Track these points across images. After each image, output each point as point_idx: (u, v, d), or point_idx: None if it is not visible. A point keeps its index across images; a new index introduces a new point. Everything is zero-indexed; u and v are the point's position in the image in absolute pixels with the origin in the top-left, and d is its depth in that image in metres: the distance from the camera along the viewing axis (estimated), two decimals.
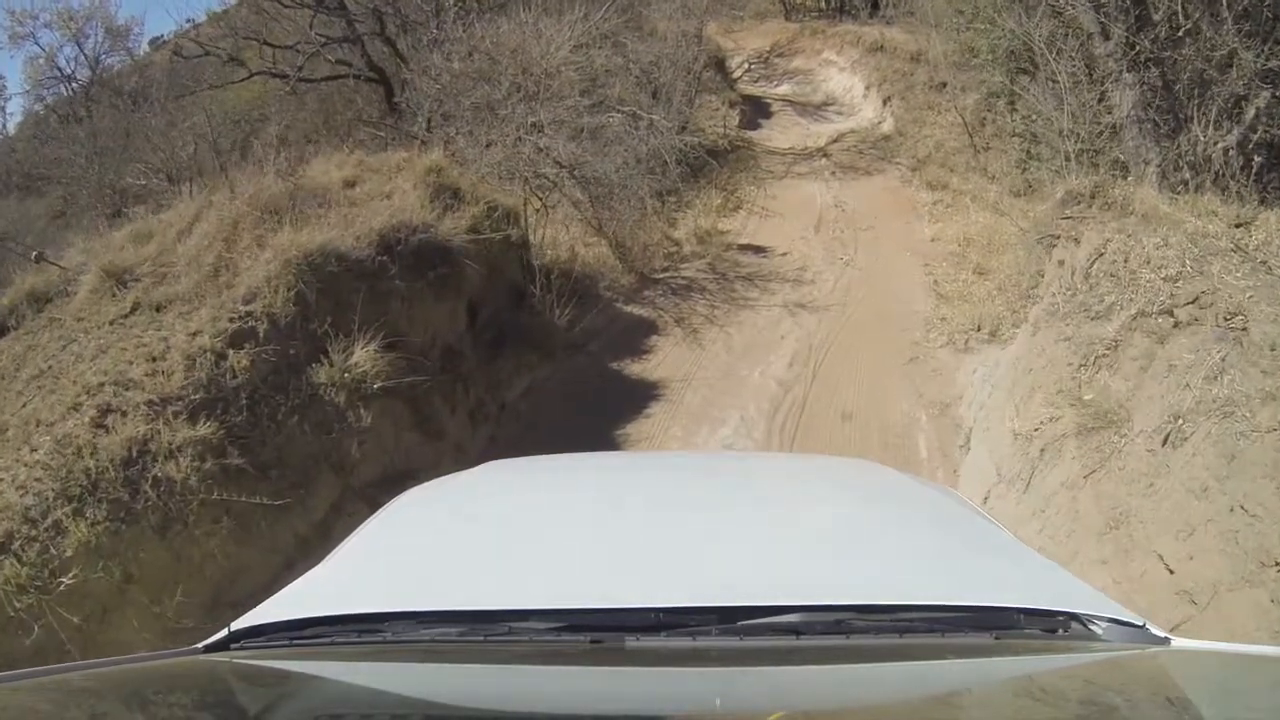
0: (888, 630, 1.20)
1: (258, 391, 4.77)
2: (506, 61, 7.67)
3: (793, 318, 7.69)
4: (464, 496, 1.91)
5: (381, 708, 1.15)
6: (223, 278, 5.60)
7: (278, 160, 6.62)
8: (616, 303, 7.57)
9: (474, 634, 1.21)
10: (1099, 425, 4.12)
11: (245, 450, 4.63)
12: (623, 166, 9.26)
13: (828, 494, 1.91)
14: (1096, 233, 5.08)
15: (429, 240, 5.49)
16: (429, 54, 8.34)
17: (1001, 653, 1.21)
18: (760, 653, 1.17)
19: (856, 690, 1.19)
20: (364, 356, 4.96)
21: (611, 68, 11.01)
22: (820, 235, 10.05)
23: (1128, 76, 6.41)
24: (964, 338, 7.28)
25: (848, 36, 16.54)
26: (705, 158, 11.38)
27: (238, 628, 1.27)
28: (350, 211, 5.91)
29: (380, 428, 5.11)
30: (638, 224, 9.14)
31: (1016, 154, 10.17)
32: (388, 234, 5.36)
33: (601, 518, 1.65)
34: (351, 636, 1.23)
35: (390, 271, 5.29)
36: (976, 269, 9.08)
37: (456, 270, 5.60)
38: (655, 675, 1.19)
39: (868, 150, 12.92)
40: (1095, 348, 4.41)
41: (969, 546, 1.55)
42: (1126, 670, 1.22)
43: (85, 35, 18.76)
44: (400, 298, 5.38)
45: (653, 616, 1.19)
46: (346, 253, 5.18)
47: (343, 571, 1.50)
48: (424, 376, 5.39)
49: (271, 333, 4.95)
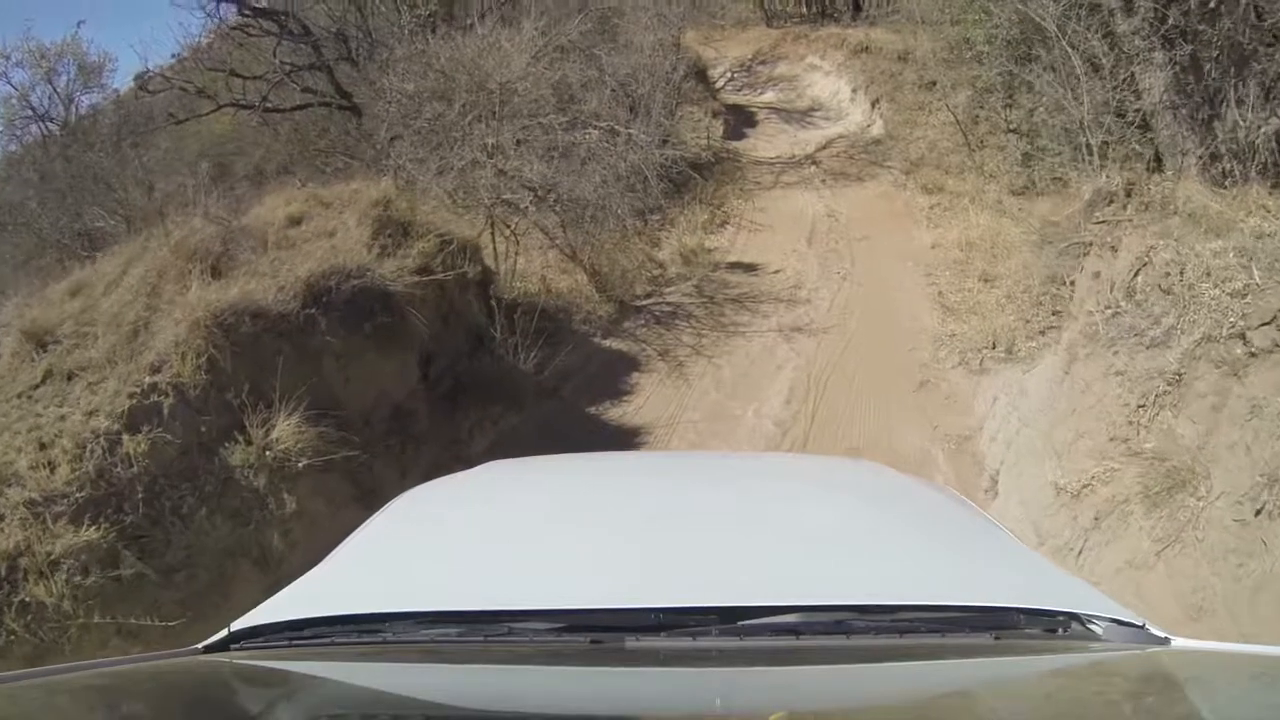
0: (888, 630, 1.17)
1: (159, 482, 3.95)
2: (463, 78, 6.85)
3: (789, 344, 6.85)
4: (464, 496, 1.88)
5: (381, 708, 1.14)
6: (140, 339, 4.80)
7: (208, 199, 5.84)
8: (593, 337, 6.73)
9: (474, 634, 1.18)
10: (1168, 485, 3.27)
11: (145, 553, 3.85)
12: (601, 185, 8.48)
13: (828, 494, 1.84)
14: (1137, 238, 4.24)
15: (366, 286, 4.66)
16: (384, 75, 7.54)
17: (1001, 653, 1.18)
18: (760, 653, 1.15)
19: (856, 690, 1.16)
20: (287, 430, 4.13)
21: (586, 81, 10.27)
22: (814, 248, 9.22)
23: (1157, 56, 5.55)
24: (978, 357, 6.44)
25: (831, 39, 15.77)
26: (689, 172, 10.57)
27: (237, 628, 1.23)
28: (282, 256, 5.09)
29: (312, 509, 4.27)
30: (617, 246, 8.33)
31: (1017, 150, 9.34)
32: (316, 282, 4.54)
33: (601, 518, 1.62)
34: (351, 637, 1.20)
35: (319, 326, 4.46)
36: (982, 276, 8.30)
37: (401, 318, 4.76)
38: (655, 675, 1.16)
39: (858, 155, 12.10)
40: (1154, 383, 3.56)
41: (969, 546, 1.52)
42: (1126, 670, 1.18)
43: (57, 73, 18.04)
44: (334, 355, 4.55)
45: (653, 616, 1.16)
46: (266, 308, 4.35)
47: (342, 571, 1.46)
48: (364, 444, 4.57)
49: (179, 408, 4.14)
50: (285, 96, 13.49)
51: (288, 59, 13.56)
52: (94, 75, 17.70)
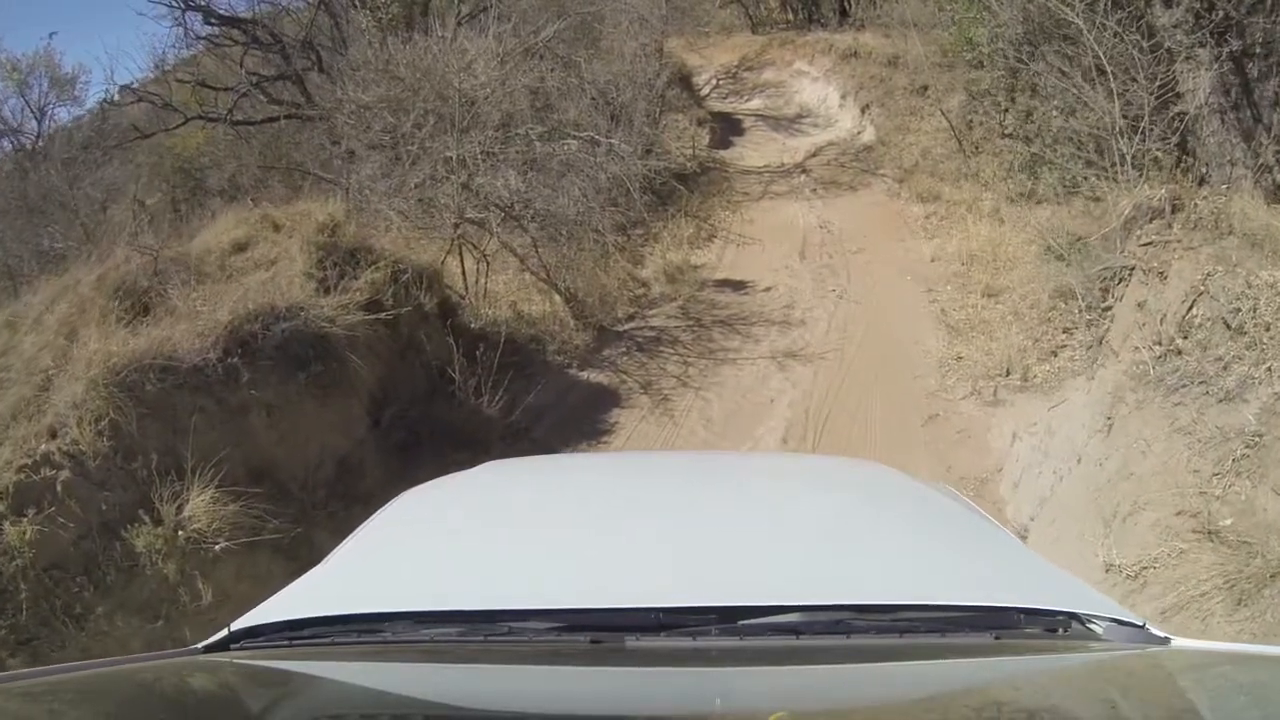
0: (888, 630, 1.15)
1: (49, 575, 3.26)
2: (425, 86, 6.15)
3: (783, 372, 6.19)
4: (463, 496, 1.82)
5: (381, 708, 1.12)
6: (49, 393, 4.12)
7: (135, 224, 5.16)
8: (569, 369, 6.05)
9: (474, 634, 1.15)
10: (1258, 578, 2.62)
11: (35, 659, 3.17)
12: (580, 199, 7.81)
13: (828, 494, 1.77)
14: (1189, 264, 3.60)
15: (300, 328, 3.97)
16: (339, 84, 6.84)
17: (1001, 653, 1.15)
18: (760, 653, 1.13)
19: (857, 690, 1.14)
20: (202, 506, 3.44)
21: (565, 88, 9.60)
22: (806, 263, 8.55)
23: (1201, 53, 4.89)
24: (990, 385, 5.79)
25: (819, 45, 15.13)
26: (673, 183, 9.90)
27: (237, 628, 1.20)
28: (212, 292, 4.40)
29: (236, 593, 3.58)
30: (598, 264, 7.66)
31: (1020, 156, 8.69)
32: (240, 326, 3.84)
33: (601, 517, 1.57)
34: (351, 636, 1.17)
35: (243, 378, 3.76)
36: (985, 290, 7.69)
37: (340, 363, 4.08)
38: (655, 675, 1.14)
39: (850, 163, 11.45)
40: (1230, 446, 2.91)
41: (969, 546, 1.46)
42: (1126, 670, 1.15)
43: (29, 85, 17.26)
44: (263, 410, 3.86)
45: (653, 616, 1.14)
46: (180, 359, 3.66)
47: (342, 571, 1.42)
48: (300, 511, 3.88)
49: (75, 483, 3.45)
50: (258, 109, 12.82)
51: (257, 69, 12.88)
52: (67, 88, 16.94)
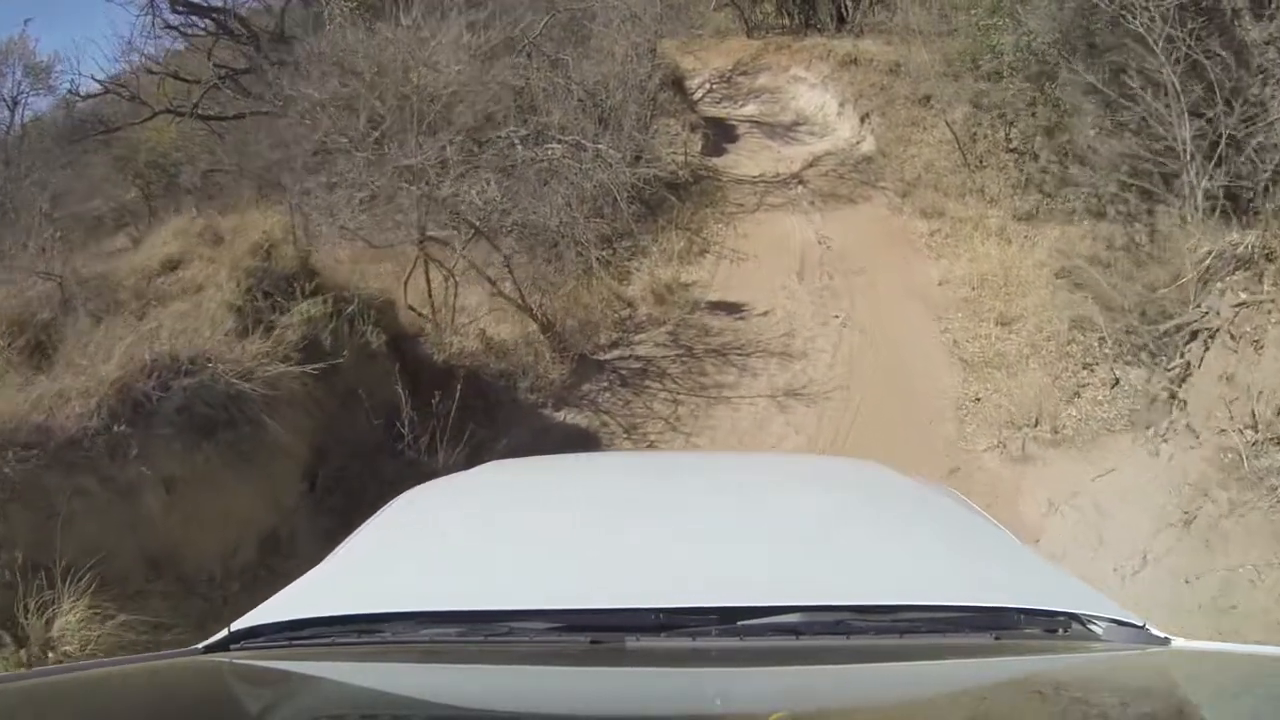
0: (888, 630, 1.13)
1: None
2: (383, 83, 5.35)
3: (784, 414, 5.44)
4: (464, 496, 1.79)
5: (381, 708, 1.11)
6: None
7: (41, 234, 4.38)
8: (543, 409, 5.27)
9: (474, 634, 1.14)
10: None
11: None
12: (563, 208, 7.04)
13: (828, 494, 1.74)
14: None
15: (207, 385, 3.18)
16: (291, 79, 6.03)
17: (1001, 653, 1.13)
18: (760, 653, 1.11)
19: (857, 690, 1.13)
20: (74, 620, 2.65)
21: (551, 89, 8.83)
22: (805, 284, 7.81)
23: None
24: (1017, 438, 5.07)
25: (816, 50, 14.36)
26: (664, 192, 9.14)
27: (237, 628, 1.17)
28: (110, 334, 3.60)
29: None
30: (580, 281, 6.90)
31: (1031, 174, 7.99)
32: (131, 384, 3.05)
33: (601, 518, 1.55)
34: (351, 637, 1.15)
35: (132, 451, 2.97)
36: (999, 319, 7.05)
37: (258, 426, 3.29)
38: (655, 675, 1.12)
39: (849, 174, 10.70)
40: None
41: (969, 547, 1.45)
42: (1126, 670, 1.14)
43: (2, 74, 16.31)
44: (161, 487, 3.07)
45: (653, 617, 1.12)
46: (48, 431, 2.86)
47: (342, 571, 1.39)
48: (210, 607, 3.10)
49: None
50: (231, 104, 11.98)
51: (227, 62, 12.04)
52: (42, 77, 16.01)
